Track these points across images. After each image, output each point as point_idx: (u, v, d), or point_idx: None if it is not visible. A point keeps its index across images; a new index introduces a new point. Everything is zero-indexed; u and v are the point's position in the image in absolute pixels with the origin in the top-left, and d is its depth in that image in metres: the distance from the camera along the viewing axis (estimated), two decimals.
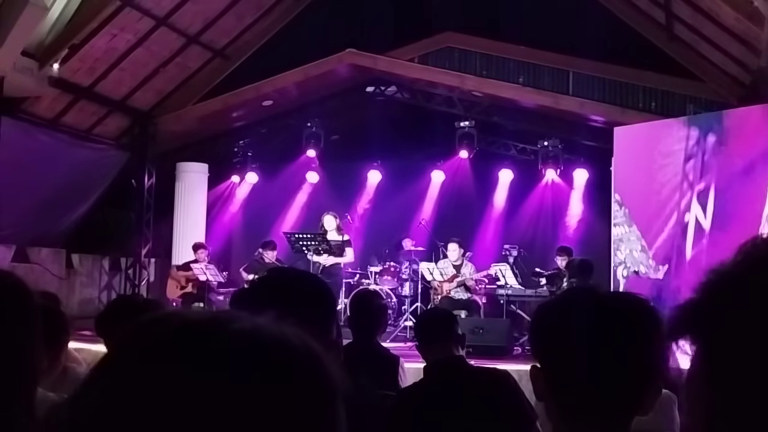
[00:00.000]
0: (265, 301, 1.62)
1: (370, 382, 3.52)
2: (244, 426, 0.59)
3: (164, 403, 0.59)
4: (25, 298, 1.47)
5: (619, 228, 10.12)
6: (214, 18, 12.13)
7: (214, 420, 0.59)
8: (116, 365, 0.64)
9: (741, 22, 8.51)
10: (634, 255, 9.87)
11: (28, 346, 1.44)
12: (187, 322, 0.64)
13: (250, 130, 14.03)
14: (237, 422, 0.59)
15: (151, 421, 0.59)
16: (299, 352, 0.64)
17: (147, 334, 0.64)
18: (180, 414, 0.58)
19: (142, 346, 0.63)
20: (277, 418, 0.60)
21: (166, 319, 0.65)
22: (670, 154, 9.69)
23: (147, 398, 0.59)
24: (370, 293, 6.77)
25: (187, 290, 12.02)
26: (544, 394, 1.44)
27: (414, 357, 4.62)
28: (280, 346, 0.64)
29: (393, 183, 13.78)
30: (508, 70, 12.31)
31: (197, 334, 0.63)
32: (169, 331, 0.63)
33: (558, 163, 12.65)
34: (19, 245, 11.92)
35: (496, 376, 3.52)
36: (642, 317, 1.42)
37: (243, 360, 0.61)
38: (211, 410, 0.59)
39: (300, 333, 0.67)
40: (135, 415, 0.59)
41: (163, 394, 0.59)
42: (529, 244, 12.43)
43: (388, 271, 11.98)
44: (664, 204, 9.48)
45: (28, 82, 10.48)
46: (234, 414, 0.59)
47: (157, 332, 0.64)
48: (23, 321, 1.45)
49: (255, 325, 0.66)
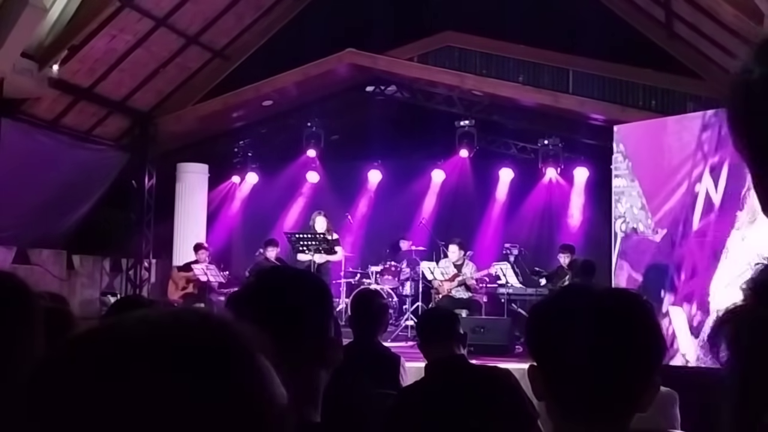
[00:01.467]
0: (262, 301, 1.62)
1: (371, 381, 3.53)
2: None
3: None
4: (27, 299, 1.47)
5: (620, 180, 9.85)
6: (214, 18, 12.13)
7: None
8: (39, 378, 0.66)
9: (740, 19, 8.50)
10: (633, 211, 9.65)
11: (29, 348, 1.44)
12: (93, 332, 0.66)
13: (250, 130, 14.03)
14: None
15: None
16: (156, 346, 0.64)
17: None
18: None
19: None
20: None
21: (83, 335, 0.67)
22: (685, 120, 9.58)
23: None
24: (371, 293, 6.76)
25: (188, 291, 12.04)
26: (543, 394, 1.44)
27: (415, 356, 4.62)
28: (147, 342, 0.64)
29: (393, 182, 13.78)
30: (508, 69, 12.30)
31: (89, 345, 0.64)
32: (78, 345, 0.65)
33: (558, 161, 12.65)
34: (19, 247, 11.92)
35: (497, 375, 3.52)
36: (637, 314, 1.42)
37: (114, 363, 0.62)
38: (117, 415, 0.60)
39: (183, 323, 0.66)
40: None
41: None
42: (530, 243, 12.44)
43: (388, 271, 11.99)
44: (676, 170, 9.12)
45: (27, 83, 10.48)
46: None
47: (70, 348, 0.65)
48: (24, 322, 1.45)
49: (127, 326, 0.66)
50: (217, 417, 0.61)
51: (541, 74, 12.15)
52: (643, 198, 9.59)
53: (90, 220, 13.24)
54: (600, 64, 11.70)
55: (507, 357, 8.98)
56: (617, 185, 9.94)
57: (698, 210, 8.98)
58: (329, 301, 1.75)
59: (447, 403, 3.26)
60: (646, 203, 9.54)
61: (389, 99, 13.35)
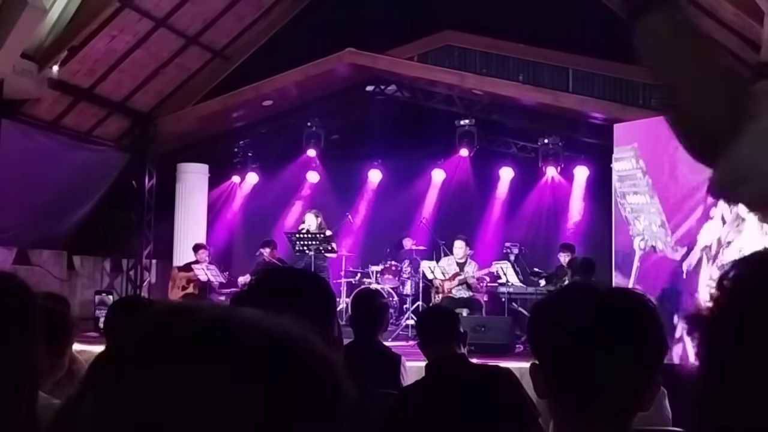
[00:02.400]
0: (265, 301, 1.62)
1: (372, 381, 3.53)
2: (239, 423, 0.60)
3: (160, 403, 0.59)
4: (28, 300, 1.47)
5: (639, 197, 9.68)
6: (214, 18, 12.13)
7: (211, 415, 0.59)
8: (113, 365, 0.64)
9: (740, 17, 8.50)
10: (653, 228, 9.49)
11: (30, 349, 1.44)
12: (190, 320, 0.65)
13: (250, 130, 14.03)
14: (232, 418, 0.59)
15: (150, 420, 0.59)
16: (298, 350, 0.64)
17: (142, 334, 0.64)
18: (182, 412, 0.59)
19: (139, 347, 0.63)
20: (266, 416, 0.60)
21: (166, 318, 0.66)
22: None
23: (141, 398, 0.59)
24: (372, 292, 6.77)
25: (189, 291, 12.04)
26: (545, 392, 1.44)
27: (416, 355, 4.62)
28: (278, 343, 0.64)
29: (393, 182, 13.78)
30: (508, 68, 12.30)
31: (199, 332, 0.63)
32: (168, 330, 0.64)
33: (558, 160, 12.65)
34: (20, 247, 11.92)
35: (498, 374, 3.52)
36: (639, 312, 1.42)
37: (240, 358, 0.61)
38: (208, 405, 0.59)
39: (303, 330, 0.67)
40: (133, 415, 0.59)
41: (158, 394, 0.59)
42: (530, 242, 12.44)
43: (389, 270, 11.99)
44: (694, 190, 9.03)
45: (27, 84, 10.48)
46: (230, 410, 0.59)
47: (151, 331, 0.64)
48: (25, 323, 1.45)
49: (256, 322, 0.66)
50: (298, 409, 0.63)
51: (541, 73, 12.15)
52: (662, 215, 9.38)
53: (90, 220, 13.25)
54: (600, 62, 11.70)
55: (507, 356, 8.98)
56: (635, 201, 9.75)
57: (717, 227, 8.83)
58: (332, 301, 1.75)
59: (448, 402, 3.26)
60: (666, 219, 9.35)
61: (389, 98, 13.35)
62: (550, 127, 12.58)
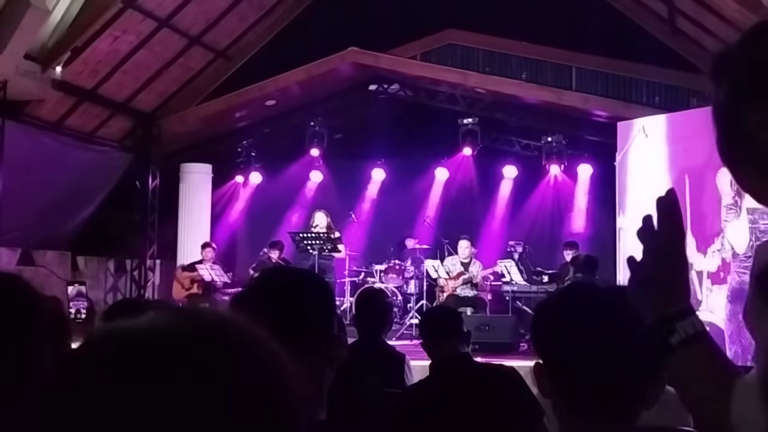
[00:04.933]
0: (266, 300, 1.62)
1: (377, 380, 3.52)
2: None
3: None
4: (34, 301, 1.47)
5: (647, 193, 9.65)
6: (216, 19, 12.13)
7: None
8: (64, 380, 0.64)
9: (743, 14, 8.48)
10: None
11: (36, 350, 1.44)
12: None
13: (253, 130, 14.04)
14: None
15: None
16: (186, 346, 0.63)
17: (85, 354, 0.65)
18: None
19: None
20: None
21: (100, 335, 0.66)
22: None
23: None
24: (376, 292, 6.78)
25: (193, 291, 12.06)
26: (549, 391, 1.44)
27: (420, 355, 4.62)
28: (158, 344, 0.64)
29: (397, 181, 13.78)
30: (511, 67, 12.29)
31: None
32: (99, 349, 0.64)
33: (562, 158, 12.64)
34: (24, 248, 11.94)
35: (502, 372, 3.51)
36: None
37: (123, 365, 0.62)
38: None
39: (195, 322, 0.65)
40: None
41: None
42: (534, 240, 12.43)
43: (393, 269, 11.99)
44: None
45: (31, 85, 10.50)
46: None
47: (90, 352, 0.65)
48: (31, 325, 1.45)
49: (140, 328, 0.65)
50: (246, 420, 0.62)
51: (544, 71, 12.13)
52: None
53: (94, 221, 13.26)
54: (603, 60, 11.69)
55: (512, 354, 8.98)
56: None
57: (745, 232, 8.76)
58: (332, 300, 1.75)
59: (452, 401, 3.26)
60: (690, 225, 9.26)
61: (392, 97, 13.35)
62: (554, 125, 12.57)
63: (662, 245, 1.22)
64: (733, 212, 8.72)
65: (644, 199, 9.72)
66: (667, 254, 1.22)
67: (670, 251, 1.22)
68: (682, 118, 10.00)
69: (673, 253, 1.23)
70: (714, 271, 8.89)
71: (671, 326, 1.19)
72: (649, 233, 1.22)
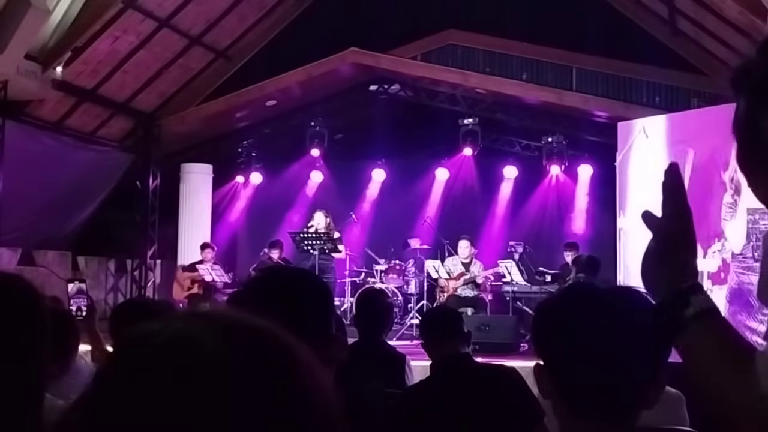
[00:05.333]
0: (263, 300, 1.62)
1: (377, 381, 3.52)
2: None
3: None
4: (35, 302, 1.47)
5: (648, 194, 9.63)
6: (217, 19, 12.14)
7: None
8: (105, 380, 0.64)
9: (744, 15, 8.48)
10: None
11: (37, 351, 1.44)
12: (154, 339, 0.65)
13: (253, 130, 14.05)
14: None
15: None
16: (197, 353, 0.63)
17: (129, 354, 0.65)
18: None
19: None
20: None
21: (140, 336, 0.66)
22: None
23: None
24: (376, 292, 6.77)
25: (193, 291, 12.06)
26: (549, 392, 1.44)
27: (421, 355, 4.62)
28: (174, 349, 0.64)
29: (397, 181, 13.78)
30: (512, 67, 12.29)
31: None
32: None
33: (562, 158, 12.65)
34: (24, 248, 11.93)
35: (503, 373, 3.51)
36: (643, 311, 1.41)
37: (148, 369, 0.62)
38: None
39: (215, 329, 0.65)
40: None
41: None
42: (535, 241, 12.42)
43: (393, 270, 11.98)
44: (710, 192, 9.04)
45: (31, 85, 10.50)
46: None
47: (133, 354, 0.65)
48: (32, 325, 1.45)
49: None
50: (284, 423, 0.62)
51: (544, 72, 12.14)
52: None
53: (95, 221, 13.27)
54: (603, 61, 11.69)
55: (512, 355, 8.98)
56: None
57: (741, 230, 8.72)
58: (330, 300, 1.75)
59: (453, 401, 3.26)
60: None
61: (393, 98, 13.35)
62: (554, 126, 12.58)
63: (670, 225, 1.24)
64: (732, 212, 8.72)
65: (644, 200, 9.75)
66: (676, 233, 1.24)
67: (679, 230, 1.24)
68: (682, 119, 10.01)
69: (683, 232, 1.25)
70: (714, 271, 8.89)
71: (686, 299, 1.20)
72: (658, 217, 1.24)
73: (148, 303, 4.59)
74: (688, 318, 1.19)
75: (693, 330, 1.19)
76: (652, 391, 1.40)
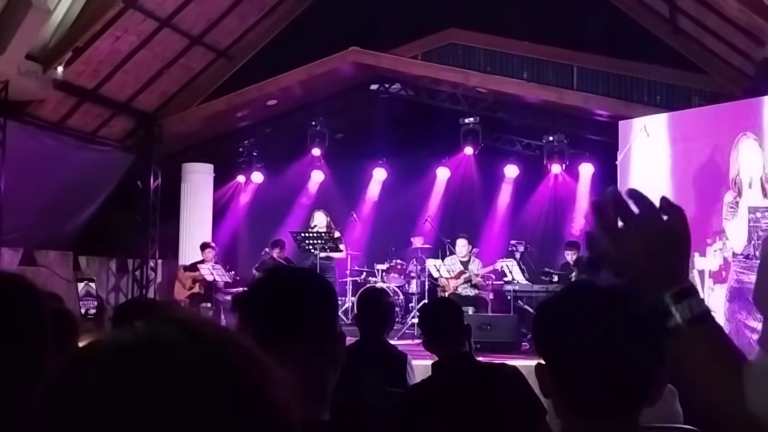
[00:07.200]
0: (267, 300, 1.62)
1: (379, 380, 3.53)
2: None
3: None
4: (36, 301, 1.48)
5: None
6: (217, 18, 12.14)
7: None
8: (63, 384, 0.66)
9: (745, 13, 8.48)
10: None
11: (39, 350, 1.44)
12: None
13: (254, 129, 14.05)
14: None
15: None
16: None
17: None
18: None
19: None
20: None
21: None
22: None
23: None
24: (377, 291, 6.78)
25: (194, 291, 12.08)
26: (550, 391, 1.44)
27: (422, 354, 4.62)
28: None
29: (398, 180, 13.79)
30: (512, 66, 12.29)
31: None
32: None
33: (563, 157, 12.64)
34: (26, 248, 11.94)
35: (504, 372, 3.51)
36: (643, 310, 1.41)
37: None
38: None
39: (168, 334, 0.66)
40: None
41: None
42: (536, 240, 12.43)
43: (394, 269, 11.99)
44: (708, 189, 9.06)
45: (32, 85, 10.50)
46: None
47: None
48: (34, 324, 1.45)
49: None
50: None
51: (545, 71, 12.13)
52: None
53: (96, 221, 13.27)
54: (604, 59, 11.69)
55: (514, 354, 8.99)
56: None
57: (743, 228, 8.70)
58: (334, 299, 1.75)
59: (454, 400, 3.26)
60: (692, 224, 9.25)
61: (393, 97, 13.35)
62: (555, 125, 12.57)
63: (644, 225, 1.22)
64: (733, 210, 8.72)
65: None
66: (669, 235, 1.22)
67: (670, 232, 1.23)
68: (683, 117, 10.01)
69: (677, 235, 1.23)
70: (716, 270, 8.90)
71: (678, 304, 1.18)
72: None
73: (150, 302, 4.59)
74: (680, 324, 1.17)
75: (686, 335, 1.17)
76: (653, 390, 1.40)
